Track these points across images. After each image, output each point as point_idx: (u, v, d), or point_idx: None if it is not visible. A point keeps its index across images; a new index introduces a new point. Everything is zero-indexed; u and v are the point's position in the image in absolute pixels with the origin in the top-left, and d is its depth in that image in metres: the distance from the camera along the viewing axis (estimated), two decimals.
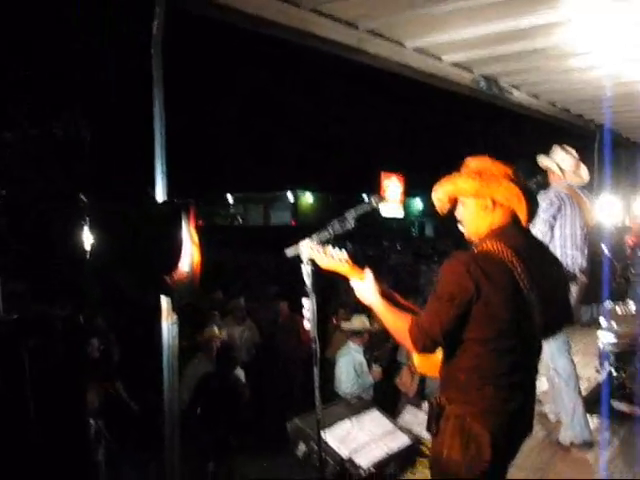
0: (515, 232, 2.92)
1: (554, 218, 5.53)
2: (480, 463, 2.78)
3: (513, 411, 2.84)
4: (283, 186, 45.42)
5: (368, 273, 3.13)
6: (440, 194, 3.02)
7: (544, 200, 5.55)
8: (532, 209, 2.94)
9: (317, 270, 3.40)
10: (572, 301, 5.61)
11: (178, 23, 4.36)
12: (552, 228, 5.53)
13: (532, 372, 3.02)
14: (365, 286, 3.11)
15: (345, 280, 3.24)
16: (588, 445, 5.42)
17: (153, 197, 3.81)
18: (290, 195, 48.74)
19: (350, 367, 7.51)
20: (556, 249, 5.52)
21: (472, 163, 2.98)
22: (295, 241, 3.47)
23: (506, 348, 2.79)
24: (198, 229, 3.62)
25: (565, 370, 5.56)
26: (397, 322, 2.94)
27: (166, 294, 3.67)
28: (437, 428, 2.87)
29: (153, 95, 3.91)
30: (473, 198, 2.93)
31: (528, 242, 2.96)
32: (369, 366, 7.77)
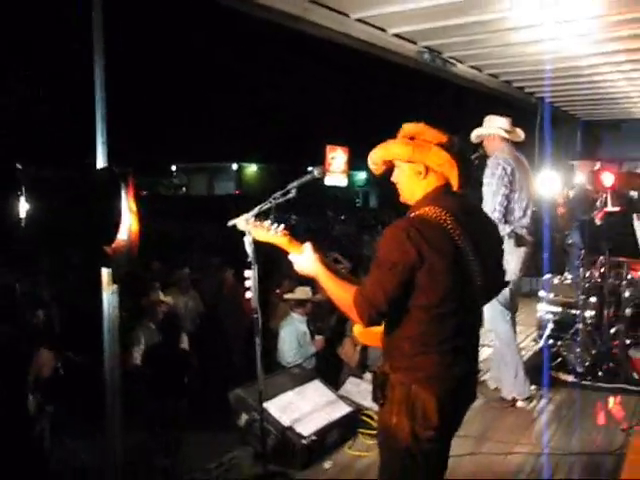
0: (450, 197, 2.93)
1: (510, 182, 5.64)
2: (427, 429, 2.79)
3: (458, 376, 2.86)
4: (228, 157, 45.10)
5: (307, 245, 3.10)
6: (375, 158, 3.03)
7: (495, 167, 5.64)
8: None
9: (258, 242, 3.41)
10: (516, 269, 5.75)
11: None
12: (510, 193, 5.64)
13: (474, 336, 3.05)
14: (304, 258, 3.07)
15: (286, 253, 3.22)
16: (529, 400, 5.77)
17: (91, 165, 3.75)
18: (234, 165, 48.49)
19: (293, 337, 7.54)
20: (508, 215, 5.66)
21: (407, 128, 2.98)
22: (238, 211, 3.47)
23: (449, 313, 2.79)
24: (141, 198, 3.58)
25: (506, 334, 5.77)
26: (341, 293, 2.91)
27: (105, 264, 3.63)
28: (383, 397, 2.87)
29: (94, 61, 3.83)
30: (407, 163, 2.95)
31: (463, 206, 2.95)
32: (312, 336, 7.80)
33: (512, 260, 5.66)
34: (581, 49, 7.10)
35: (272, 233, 3.21)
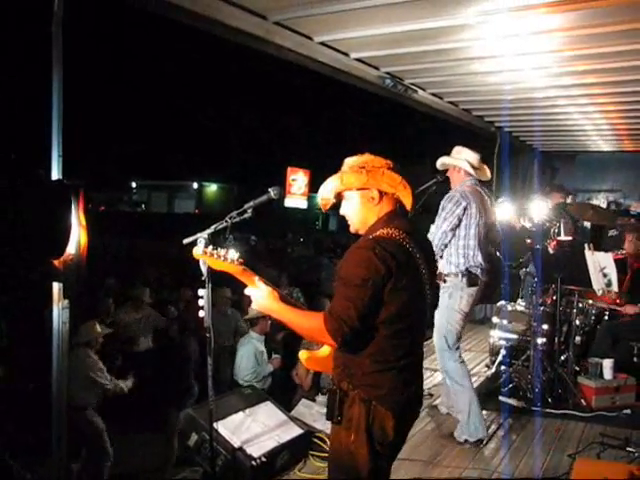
0: (403, 217, 3.04)
1: (459, 219, 5.58)
2: (385, 445, 2.87)
3: (411, 392, 2.96)
4: (188, 176, 45.01)
5: (260, 280, 3.10)
6: (327, 192, 3.09)
7: (450, 201, 5.62)
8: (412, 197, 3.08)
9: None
10: (466, 307, 5.68)
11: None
12: (455, 228, 5.61)
13: (421, 351, 3.15)
14: (261, 293, 3.05)
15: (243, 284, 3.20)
16: (481, 442, 5.57)
17: (42, 176, 3.71)
18: (195, 185, 48.36)
19: (251, 355, 7.58)
20: (459, 249, 5.62)
21: (352, 160, 3.07)
22: (196, 230, 3.46)
23: (405, 328, 2.88)
24: (99, 214, 3.55)
25: (456, 373, 5.64)
26: (306, 321, 2.93)
27: (53, 277, 3.58)
28: (341, 414, 2.90)
29: (52, 75, 3.80)
30: (358, 191, 3.03)
31: (413, 227, 3.05)
32: (269, 355, 7.88)
33: (462, 298, 5.58)
34: (538, 81, 7.24)
35: (228, 262, 3.18)
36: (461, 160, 5.82)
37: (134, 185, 48.49)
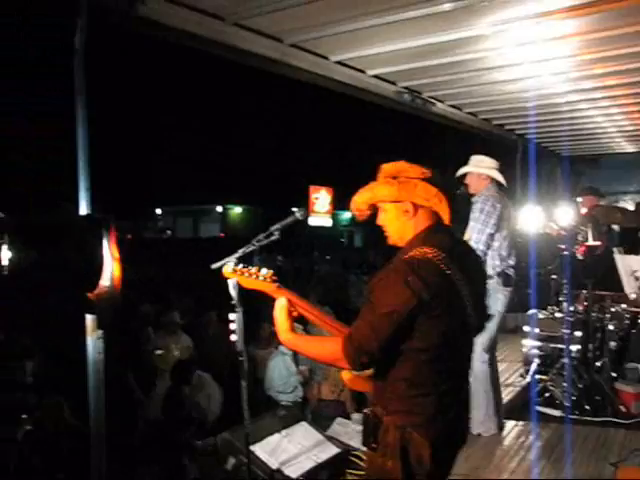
0: (441, 233, 2.83)
1: (496, 223, 5.68)
2: (420, 474, 2.69)
3: (451, 419, 2.77)
4: (212, 200, 45.27)
5: (281, 307, 3.02)
6: (359, 203, 2.94)
7: (485, 204, 5.68)
8: (452, 209, 2.88)
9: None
10: (502, 308, 5.77)
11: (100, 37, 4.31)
12: (493, 235, 5.67)
13: (466, 378, 2.98)
14: (277, 327, 3.00)
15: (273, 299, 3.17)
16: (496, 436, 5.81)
17: (72, 211, 3.76)
18: (219, 208, 48.60)
19: (281, 367, 7.86)
20: (493, 250, 5.73)
21: (387, 168, 2.91)
22: (223, 254, 3.48)
23: (446, 355, 2.70)
24: (125, 243, 3.59)
25: (482, 373, 5.78)
26: (323, 347, 2.89)
27: (88, 310, 3.62)
28: (375, 441, 2.78)
29: (76, 108, 3.86)
30: (392, 203, 2.86)
31: (454, 243, 2.87)
32: (296, 366, 8.08)
33: (499, 299, 5.73)
34: (558, 87, 7.23)
35: (260, 279, 3.16)
36: (485, 167, 5.89)
37: (159, 212, 48.82)
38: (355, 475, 5.06)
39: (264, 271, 3.15)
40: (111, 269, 3.40)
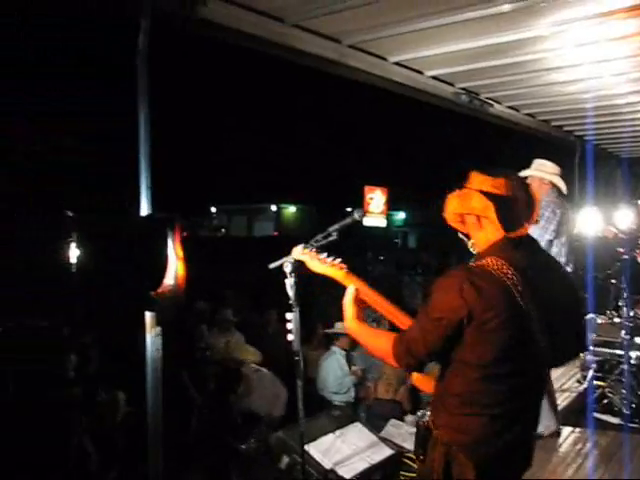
0: (513, 245, 2.74)
1: (555, 230, 5.62)
2: None
3: (507, 443, 2.66)
4: (267, 199, 45.52)
5: (351, 293, 3.14)
6: (448, 217, 2.92)
7: (546, 209, 5.64)
8: (505, 215, 2.74)
9: (300, 282, 3.43)
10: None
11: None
12: (552, 241, 5.63)
13: (534, 400, 2.84)
14: (345, 313, 3.09)
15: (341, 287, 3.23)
16: (556, 434, 5.76)
17: (136, 212, 3.83)
18: (273, 207, 48.83)
19: (336, 368, 8.00)
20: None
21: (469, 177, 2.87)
22: (278, 253, 3.51)
23: (503, 374, 2.62)
24: (182, 242, 3.64)
25: None
26: (376, 340, 2.92)
27: (150, 308, 3.68)
28: (424, 453, 2.78)
29: (138, 108, 3.93)
30: (465, 215, 2.85)
31: (532, 258, 2.77)
32: (349, 367, 8.18)
33: None
34: (619, 88, 7.12)
35: (329, 264, 3.21)
36: (549, 173, 5.84)
37: (214, 210, 49.24)
38: (408, 477, 5.06)
39: (332, 259, 3.19)
40: (175, 268, 3.46)
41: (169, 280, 3.42)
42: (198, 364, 8.77)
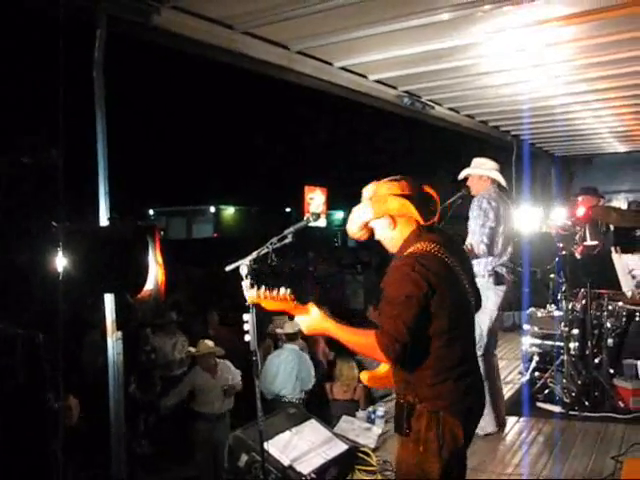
0: (427, 232, 3.09)
1: (494, 219, 5.79)
2: (455, 450, 2.97)
3: (472, 395, 3.08)
4: (205, 200, 45.17)
5: (312, 306, 3.21)
6: (353, 229, 3.23)
7: (483, 203, 5.80)
8: (424, 208, 3.10)
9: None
10: (495, 306, 5.88)
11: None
12: (494, 228, 5.80)
13: (476, 358, 3.30)
14: (312, 318, 3.17)
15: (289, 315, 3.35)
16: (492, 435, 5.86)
17: (116, 218, 3.88)
18: (212, 209, 48.49)
19: (285, 364, 7.91)
20: (491, 250, 5.82)
21: (364, 191, 3.19)
22: (217, 255, 3.59)
23: (456, 336, 2.98)
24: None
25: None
26: (359, 338, 3.02)
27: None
28: (409, 427, 2.99)
29: (95, 116, 3.97)
30: (377, 220, 3.14)
31: (442, 235, 3.15)
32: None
33: (490, 297, 5.75)
34: (553, 90, 7.41)
35: (280, 300, 3.25)
36: (487, 170, 6.00)
37: (152, 212, 48.66)
38: (363, 471, 5.19)
39: (282, 291, 3.27)
40: (155, 274, 3.54)
41: (149, 285, 3.50)
42: (143, 367, 8.73)
